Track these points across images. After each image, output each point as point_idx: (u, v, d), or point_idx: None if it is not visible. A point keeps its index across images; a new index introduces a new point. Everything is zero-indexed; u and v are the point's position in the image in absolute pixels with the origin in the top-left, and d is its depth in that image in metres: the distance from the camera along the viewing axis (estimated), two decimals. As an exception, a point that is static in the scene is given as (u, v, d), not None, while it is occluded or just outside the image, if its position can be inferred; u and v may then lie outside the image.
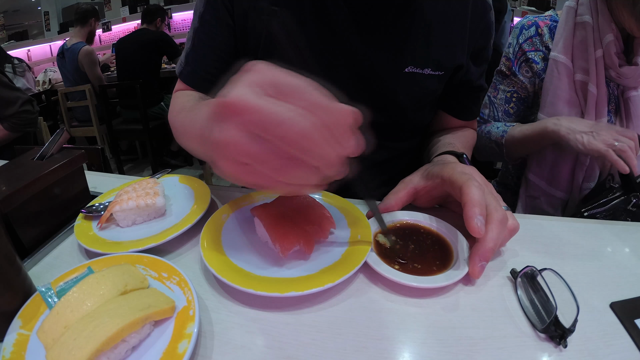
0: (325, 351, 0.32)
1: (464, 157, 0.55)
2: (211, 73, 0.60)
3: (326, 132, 0.27)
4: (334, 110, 0.27)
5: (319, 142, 0.27)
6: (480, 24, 0.61)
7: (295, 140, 0.26)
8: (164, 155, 3.13)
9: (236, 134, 0.27)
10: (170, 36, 2.89)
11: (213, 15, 0.57)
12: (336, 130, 0.27)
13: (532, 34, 0.84)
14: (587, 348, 0.32)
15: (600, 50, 0.75)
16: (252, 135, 0.27)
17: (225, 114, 0.27)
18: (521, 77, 0.87)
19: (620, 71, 0.74)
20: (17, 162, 0.51)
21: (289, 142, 0.26)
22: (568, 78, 0.79)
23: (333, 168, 0.28)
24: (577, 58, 0.78)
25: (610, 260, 0.44)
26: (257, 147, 0.27)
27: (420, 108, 0.65)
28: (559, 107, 0.80)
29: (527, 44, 0.84)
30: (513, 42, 0.87)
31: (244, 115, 0.26)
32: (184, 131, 0.51)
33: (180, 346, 0.30)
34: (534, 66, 0.85)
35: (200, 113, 0.40)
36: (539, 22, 0.84)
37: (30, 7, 5.24)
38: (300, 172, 0.28)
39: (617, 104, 0.79)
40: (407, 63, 0.57)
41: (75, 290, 0.33)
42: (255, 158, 0.27)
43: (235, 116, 0.27)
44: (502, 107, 0.91)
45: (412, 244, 0.43)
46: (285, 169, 0.28)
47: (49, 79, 3.51)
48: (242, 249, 0.42)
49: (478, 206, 0.38)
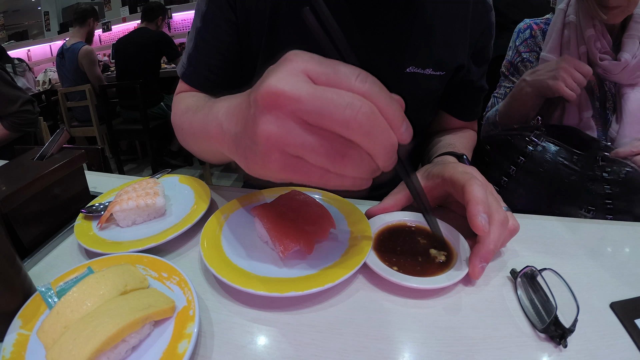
0: (325, 351, 0.32)
1: (464, 157, 0.55)
2: (215, 73, 0.59)
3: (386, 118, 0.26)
4: (389, 97, 0.27)
5: (384, 127, 0.26)
6: (481, 24, 0.61)
7: (362, 123, 0.25)
8: (164, 155, 3.13)
9: (290, 124, 0.26)
10: (170, 37, 2.88)
11: (217, 14, 0.56)
12: (394, 116, 0.27)
13: (527, 37, 0.91)
14: (587, 348, 0.32)
15: (584, 47, 0.78)
16: (305, 125, 0.26)
17: (276, 103, 0.26)
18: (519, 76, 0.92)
19: (603, 66, 0.76)
20: (17, 162, 0.51)
21: (356, 125, 0.25)
22: None
23: (389, 156, 0.28)
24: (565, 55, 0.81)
25: (610, 260, 0.44)
26: (314, 136, 0.26)
27: (421, 108, 0.65)
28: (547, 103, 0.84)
29: (522, 45, 0.92)
30: (512, 45, 0.94)
31: (301, 104, 0.25)
32: (195, 132, 0.49)
33: (180, 346, 0.30)
34: (528, 65, 0.91)
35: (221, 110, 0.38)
36: (533, 26, 0.91)
37: (30, 7, 5.25)
38: (356, 162, 0.27)
39: (614, 102, 0.80)
40: (409, 63, 0.57)
41: (75, 290, 0.33)
42: (312, 149, 0.26)
43: (288, 105, 0.26)
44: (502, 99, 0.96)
45: (412, 245, 0.43)
46: (342, 158, 0.27)
47: (49, 79, 3.51)
48: (242, 249, 0.42)
49: (482, 204, 0.38)
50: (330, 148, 0.26)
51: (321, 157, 0.27)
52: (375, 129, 0.26)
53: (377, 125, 0.26)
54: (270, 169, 0.28)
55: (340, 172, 0.28)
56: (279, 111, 0.26)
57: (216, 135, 0.38)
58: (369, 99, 0.26)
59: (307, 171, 0.28)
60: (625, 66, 0.74)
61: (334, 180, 0.28)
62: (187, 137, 0.53)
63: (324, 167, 0.27)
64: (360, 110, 0.25)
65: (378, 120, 0.26)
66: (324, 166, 0.27)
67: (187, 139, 0.53)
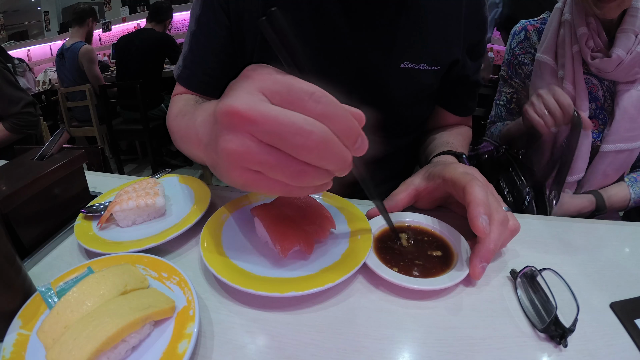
0: (325, 351, 0.32)
1: (463, 157, 0.55)
2: (210, 75, 0.60)
3: (340, 137, 0.27)
4: (343, 115, 0.27)
5: (336, 149, 0.27)
6: (476, 19, 0.62)
7: (313, 148, 0.26)
8: (164, 155, 3.13)
9: (248, 143, 0.27)
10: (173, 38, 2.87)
11: (210, 18, 0.57)
12: (348, 134, 0.28)
13: (522, 38, 0.89)
14: (587, 348, 0.32)
15: (577, 46, 0.76)
16: (262, 144, 0.27)
17: (232, 122, 0.27)
18: (517, 79, 0.92)
19: (595, 65, 0.74)
20: (17, 162, 0.51)
21: (307, 150, 0.26)
22: (551, 76, 0.81)
23: (344, 169, 0.29)
24: (560, 56, 0.79)
25: (610, 260, 0.44)
26: (271, 156, 0.27)
27: (416, 103, 0.65)
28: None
29: (518, 47, 0.90)
30: (508, 48, 0.92)
31: (255, 125, 0.26)
32: (182, 136, 0.51)
33: (180, 346, 0.30)
34: (524, 68, 0.89)
35: (199, 118, 0.39)
36: (527, 27, 0.89)
37: (30, 7, 5.25)
38: (313, 175, 0.28)
39: (612, 102, 0.79)
40: (403, 59, 0.58)
41: (75, 290, 0.33)
42: (270, 166, 0.27)
43: (245, 125, 0.26)
44: (504, 107, 0.97)
45: (412, 245, 0.43)
46: (300, 175, 0.28)
47: (49, 79, 3.51)
48: (242, 249, 0.42)
49: (482, 205, 0.38)
50: (287, 165, 0.27)
51: (279, 173, 0.28)
52: (326, 151, 0.27)
53: (328, 148, 0.27)
54: (235, 182, 0.30)
55: (300, 185, 0.29)
56: (237, 130, 0.27)
57: (194, 141, 0.40)
58: (322, 119, 0.26)
59: (269, 185, 0.29)
60: (619, 63, 0.71)
61: (296, 191, 0.30)
62: (178, 140, 0.54)
63: (284, 182, 0.28)
64: (311, 136, 0.26)
65: (329, 143, 0.27)
66: (284, 181, 0.28)
67: (179, 142, 0.54)
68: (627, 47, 0.71)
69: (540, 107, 0.70)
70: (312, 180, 0.28)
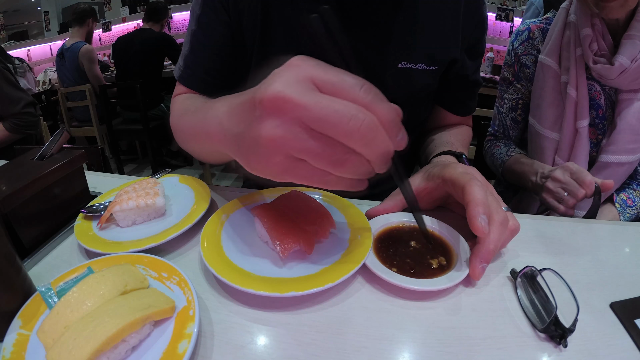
0: (325, 351, 0.32)
1: (463, 157, 0.55)
2: (211, 74, 0.60)
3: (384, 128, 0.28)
4: (389, 108, 0.28)
5: (382, 137, 0.28)
6: (474, 18, 0.62)
7: (363, 135, 0.27)
8: (164, 155, 3.13)
9: (295, 129, 0.27)
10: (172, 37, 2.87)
11: (211, 16, 0.57)
12: (392, 126, 0.28)
13: (525, 39, 0.84)
14: (587, 348, 0.32)
15: (580, 49, 0.71)
16: (309, 130, 0.27)
17: (281, 108, 0.27)
18: (523, 82, 0.86)
19: (596, 69, 0.69)
20: (17, 162, 0.51)
21: (357, 136, 0.27)
22: (554, 80, 0.77)
23: (385, 161, 0.29)
24: (563, 59, 0.75)
25: (610, 260, 0.44)
26: (315, 142, 0.27)
27: (414, 103, 0.65)
28: (543, 110, 0.79)
29: (520, 48, 0.84)
30: (510, 48, 0.87)
31: (305, 111, 0.26)
32: (192, 133, 0.50)
33: (180, 346, 0.30)
34: (526, 71, 0.84)
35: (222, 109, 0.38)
36: (531, 27, 0.83)
37: (30, 7, 5.24)
38: (355, 166, 0.29)
39: (613, 110, 0.74)
40: (400, 59, 0.58)
41: (75, 290, 0.33)
42: (316, 153, 0.28)
43: (293, 111, 0.27)
44: (509, 115, 0.90)
45: (412, 246, 0.43)
46: (342, 163, 0.28)
47: (49, 79, 3.51)
48: (242, 249, 0.42)
49: (481, 205, 0.38)
50: (332, 153, 0.28)
51: (323, 161, 0.28)
52: (375, 139, 0.27)
53: (377, 137, 0.27)
54: (272, 170, 0.30)
55: (340, 175, 0.29)
56: (285, 116, 0.27)
57: (216, 134, 0.39)
58: (371, 110, 0.27)
59: (308, 173, 0.29)
60: (622, 71, 0.67)
61: (333, 182, 0.30)
62: (186, 138, 0.54)
63: (325, 170, 0.29)
64: (363, 123, 0.26)
65: (378, 132, 0.27)
66: (325, 169, 0.29)
67: (186, 140, 0.54)
68: (632, 55, 0.66)
69: (558, 191, 0.65)
70: (354, 170, 0.29)
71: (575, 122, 0.74)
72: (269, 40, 0.57)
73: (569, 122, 0.75)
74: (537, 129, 0.81)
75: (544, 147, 0.80)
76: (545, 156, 0.80)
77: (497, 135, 0.96)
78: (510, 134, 0.93)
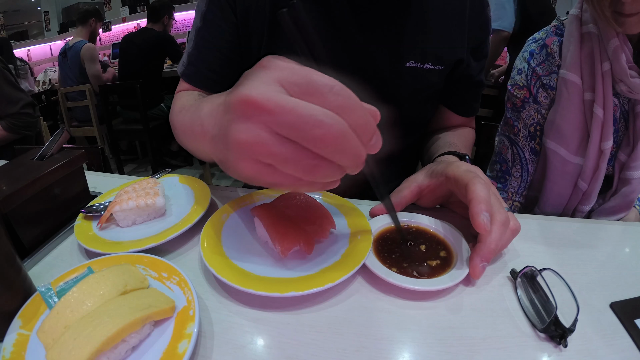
0: (325, 351, 0.32)
1: (466, 158, 0.55)
2: (215, 72, 0.60)
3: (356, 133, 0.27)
4: (361, 111, 0.27)
5: (353, 144, 0.26)
6: (479, 20, 0.62)
7: (330, 141, 0.25)
8: (164, 155, 3.13)
9: (262, 134, 0.26)
10: (173, 37, 2.87)
11: (216, 14, 0.57)
12: (364, 130, 0.27)
13: (544, 58, 0.72)
14: (587, 348, 0.32)
15: (608, 63, 0.63)
16: (277, 135, 0.26)
17: (247, 112, 0.26)
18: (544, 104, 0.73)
19: (631, 83, 0.62)
20: (17, 162, 0.51)
21: (324, 143, 0.25)
22: (578, 98, 0.67)
23: (357, 166, 0.28)
24: (585, 74, 0.66)
25: (610, 260, 0.44)
26: (285, 148, 0.26)
27: (421, 103, 0.66)
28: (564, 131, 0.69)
29: (540, 68, 0.72)
30: (524, 67, 0.74)
31: (272, 115, 0.25)
32: (185, 131, 0.51)
33: (180, 346, 0.30)
34: (550, 92, 0.72)
35: (204, 109, 0.38)
36: (546, 42, 0.72)
37: (30, 7, 5.24)
38: (326, 171, 0.27)
39: (626, 120, 0.68)
40: (408, 58, 0.59)
41: (75, 290, 0.33)
42: (283, 159, 0.26)
43: (261, 115, 0.25)
44: (527, 145, 0.77)
45: (412, 246, 0.43)
46: (313, 169, 0.27)
47: (49, 79, 3.51)
48: (242, 249, 0.42)
49: (484, 203, 0.38)
50: (301, 159, 0.26)
51: (292, 167, 0.27)
52: (344, 146, 0.26)
53: (346, 143, 0.26)
54: (243, 174, 0.29)
55: (311, 180, 0.28)
56: (251, 120, 0.26)
57: (199, 134, 0.39)
58: (341, 113, 0.26)
59: (278, 178, 0.28)
60: None
61: (305, 186, 0.29)
62: (181, 135, 0.54)
63: (295, 176, 0.28)
64: (330, 129, 0.25)
65: (347, 138, 0.26)
66: (295, 175, 0.27)
67: (182, 137, 0.54)
68: None
69: None
70: (324, 175, 0.27)
71: (601, 144, 0.67)
72: (278, 38, 0.57)
73: (594, 144, 0.67)
74: (563, 155, 0.71)
75: (568, 173, 0.72)
76: (566, 182, 0.72)
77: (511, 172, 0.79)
78: (529, 170, 0.78)
